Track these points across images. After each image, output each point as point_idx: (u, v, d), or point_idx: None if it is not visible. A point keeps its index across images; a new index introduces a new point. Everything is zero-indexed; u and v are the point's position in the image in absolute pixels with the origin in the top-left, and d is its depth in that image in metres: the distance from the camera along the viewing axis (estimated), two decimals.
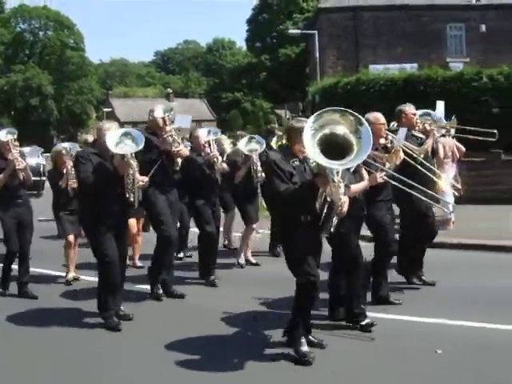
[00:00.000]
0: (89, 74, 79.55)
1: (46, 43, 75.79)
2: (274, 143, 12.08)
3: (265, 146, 10.14)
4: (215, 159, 9.13)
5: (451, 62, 36.16)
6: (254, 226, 10.45)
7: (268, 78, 68.76)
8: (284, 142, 9.83)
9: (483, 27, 38.28)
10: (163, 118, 8.08)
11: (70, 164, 9.07)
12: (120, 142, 6.85)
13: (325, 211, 5.48)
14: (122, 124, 60.23)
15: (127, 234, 7.86)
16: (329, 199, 5.38)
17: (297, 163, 5.75)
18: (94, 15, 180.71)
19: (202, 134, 9.47)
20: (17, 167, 7.99)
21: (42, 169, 19.97)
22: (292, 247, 5.87)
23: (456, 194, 10.50)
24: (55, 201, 9.45)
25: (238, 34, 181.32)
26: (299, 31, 40.59)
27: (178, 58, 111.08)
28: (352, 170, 6.08)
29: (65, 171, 9.27)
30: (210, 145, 9.32)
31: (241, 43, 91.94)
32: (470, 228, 12.13)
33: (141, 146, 6.97)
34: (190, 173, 8.94)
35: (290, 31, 41.16)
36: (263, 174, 9.45)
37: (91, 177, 6.91)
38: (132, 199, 7.10)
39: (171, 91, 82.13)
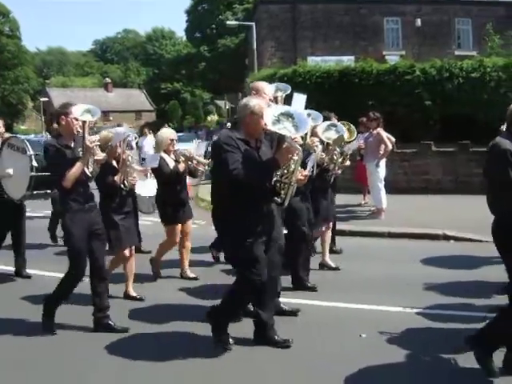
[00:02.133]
0: (25, 62, 77.55)
1: None
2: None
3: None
4: None
5: (388, 54, 36.75)
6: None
7: (207, 68, 68.60)
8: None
9: (419, 21, 39.01)
10: None
11: (125, 154, 7.40)
12: (278, 121, 5.42)
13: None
14: None
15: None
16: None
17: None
18: (31, 2, 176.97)
19: None
20: (96, 157, 6.42)
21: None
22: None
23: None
24: (107, 202, 7.69)
25: (177, 24, 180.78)
26: (237, 23, 40.66)
27: (117, 48, 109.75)
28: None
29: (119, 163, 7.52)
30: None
31: (180, 33, 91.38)
32: (400, 217, 12.46)
33: (301, 133, 5.77)
34: None
35: (228, 22, 41.21)
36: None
37: (242, 169, 5.39)
38: (283, 196, 5.73)
39: (110, 81, 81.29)
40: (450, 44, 39.44)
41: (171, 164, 8.32)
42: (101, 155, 6.50)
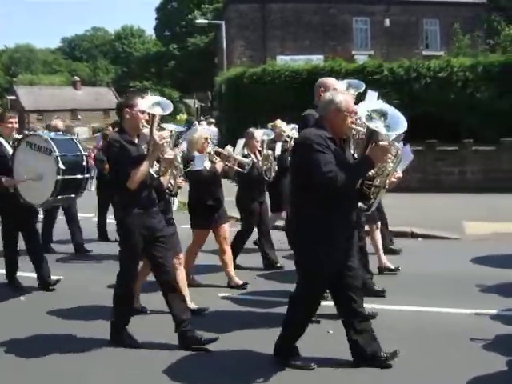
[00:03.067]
0: None
1: None
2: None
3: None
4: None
5: (357, 54, 36.94)
6: None
7: (177, 67, 68.37)
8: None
9: (387, 21, 39.24)
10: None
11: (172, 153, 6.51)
12: (371, 118, 4.85)
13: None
14: (26, 112, 58.24)
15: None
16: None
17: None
18: None
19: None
20: (166, 156, 6.04)
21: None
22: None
23: None
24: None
25: (147, 22, 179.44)
26: (207, 21, 40.51)
27: (86, 45, 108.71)
28: None
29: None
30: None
31: (150, 31, 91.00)
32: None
33: (393, 134, 5.00)
34: None
35: (198, 21, 41.07)
36: None
37: (337, 171, 4.83)
38: (372, 201, 5.25)
39: (78, 79, 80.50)
40: (418, 44, 39.73)
41: (207, 164, 7.77)
42: (171, 153, 6.07)
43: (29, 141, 7.59)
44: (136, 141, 5.85)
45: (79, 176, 7.60)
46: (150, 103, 5.75)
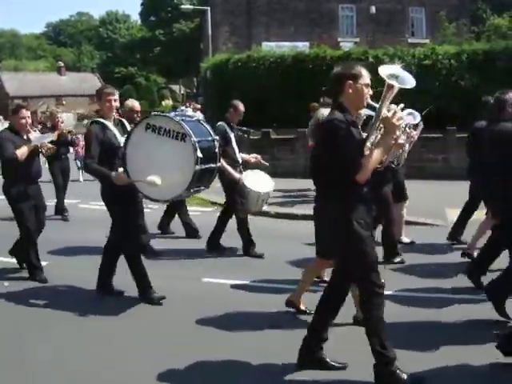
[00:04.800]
0: None
1: None
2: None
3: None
4: None
5: (342, 41, 36.96)
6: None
7: (162, 52, 67.95)
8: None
9: (373, 9, 39.22)
10: None
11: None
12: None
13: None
14: (10, 98, 57.59)
15: None
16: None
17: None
18: None
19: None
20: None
21: None
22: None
23: None
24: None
25: (132, 7, 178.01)
26: (192, 7, 40.32)
27: (71, 31, 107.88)
28: None
29: None
30: None
31: (135, 17, 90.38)
32: None
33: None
34: None
35: (183, 7, 40.87)
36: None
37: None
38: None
39: (62, 65, 79.86)
40: (404, 32, 39.75)
41: None
42: (403, 138, 5.35)
43: (151, 123, 6.37)
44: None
45: (213, 165, 6.63)
46: (387, 73, 4.65)
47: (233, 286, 7.52)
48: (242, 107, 9.22)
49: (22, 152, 7.55)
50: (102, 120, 6.77)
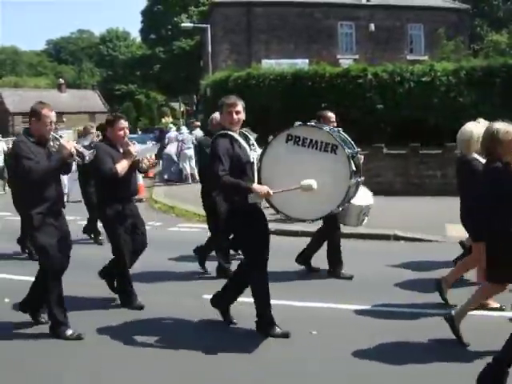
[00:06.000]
0: None
1: None
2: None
3: None
4: None
5: (341, 58, 37.16)
6: None
7: (162, 70, 68.19)
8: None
9: (372, 26, 39.48)
10: None
11: None
12: None
13: None
14: (11, 115, 57.66)
15: None
16: None
17: None
18: None
19: None
20: None
21: None
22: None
23: None
24: None
25: (132, 25, 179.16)
26: (192, 25, 40.54)
27: (71, 48, 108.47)
28: None
29: None
30: None
31: (135, 34, 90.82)
32: None
33: None
34: None
35: (183, 24, 41.05)
36: None
37: None
38: None
39: (63, 82, 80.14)
40: (403, 49, 40.03)
41: None
42: None
43: (293, 134, 5.95)
44: None
45: (359, 179, 6.31)
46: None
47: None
48: (331, 114, 8.88)
49: (122, 166, 6.96)
50: (230, 133, 6.03)
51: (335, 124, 8.43)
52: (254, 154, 6.04)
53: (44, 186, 6.07)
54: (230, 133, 5.98)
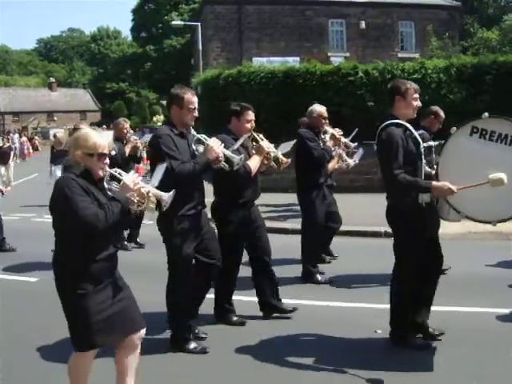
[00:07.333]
0: None
1: None
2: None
3: None
4: None
5: (332, 56, 37.17)
6: None
7: (153, 68, 68.22)
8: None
9: (363, 24, 39.52)
10: None
11: None
12: None
13: None
14: (1, 114, 57.67)
15: None
16: None
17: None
18: None
19: None
20: None
21: None
22: None
23: None
24: None
25: (123, 23, 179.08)
26: (182, 23, 40.49)
27: (62, 47, 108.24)
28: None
29: None
30: None
31: (126, 33, 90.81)
32: (342, 216, 12.58)
33: None
34: None
35: (174, 23, 40.94)
36: None
37: None
38: None
39: (54, 80, 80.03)
40: (394, 46, 40.09)
41: None
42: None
43: (479, 126, 5.23)
44: None
45: None
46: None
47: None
48: (442, 113, 8.54)
49: (254, 164, 6.16)
50: (402, 122, 5.55)
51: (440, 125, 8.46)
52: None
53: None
54: (402, 122, 5.64)
